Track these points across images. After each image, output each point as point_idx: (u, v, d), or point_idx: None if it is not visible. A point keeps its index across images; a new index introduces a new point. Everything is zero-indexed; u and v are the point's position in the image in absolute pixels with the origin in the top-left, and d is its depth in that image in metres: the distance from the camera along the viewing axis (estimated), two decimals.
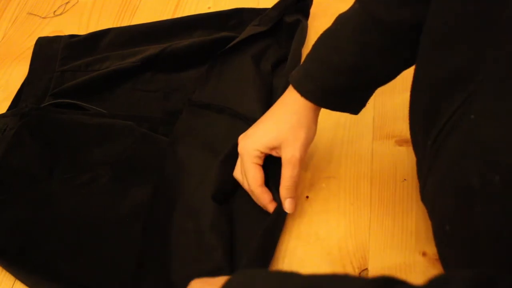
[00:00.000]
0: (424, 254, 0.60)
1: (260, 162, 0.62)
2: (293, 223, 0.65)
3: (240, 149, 0.63)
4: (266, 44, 0.81)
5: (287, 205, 0.62)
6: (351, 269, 0.60)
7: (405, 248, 0.61)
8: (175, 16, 0.90)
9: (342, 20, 0.59)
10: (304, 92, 0.60)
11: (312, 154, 0.70)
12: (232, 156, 0.66)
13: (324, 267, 0.61)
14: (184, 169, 0.69)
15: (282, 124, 0.61)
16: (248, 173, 0.62)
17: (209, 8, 0.91)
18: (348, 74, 0.58)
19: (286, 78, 0.76)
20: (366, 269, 0.60)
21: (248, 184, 0.63)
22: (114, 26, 0.90)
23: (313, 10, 0.84)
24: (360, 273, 0.60)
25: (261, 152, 0.62)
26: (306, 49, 0.80)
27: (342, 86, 0.59)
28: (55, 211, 0.66)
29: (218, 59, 0.79)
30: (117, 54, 0.82)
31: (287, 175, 0.61)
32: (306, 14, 0.83)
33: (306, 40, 0.81)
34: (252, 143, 0.62)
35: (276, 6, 0.82)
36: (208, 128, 0.73)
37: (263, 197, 0.62)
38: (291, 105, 0.61)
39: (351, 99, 0.61)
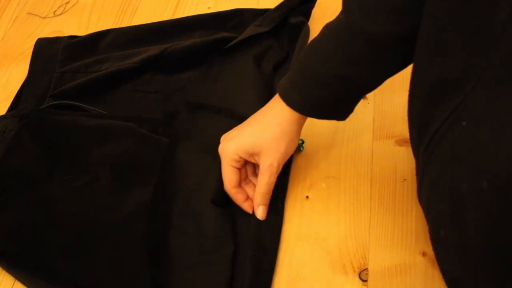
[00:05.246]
0: (424, 254, 0.60)
1: (238, 165, 0.64)
2: (293, 223, 0.65)
3: (220, 149, 0.65)
4: (267, 44, 0.80)
5: (260, 212, 0.63)
6: (351, 269, 0.60)
7: (405, 248, 0.61)
8: (175, 17, 0.90)
9: (327, 30, 0.59)
10: (290, 102, 0.61)
11: (312, 154, 0.70)
12: None
13: (324, 267, 0.61)
14: (182, 171, 0.69)
15: (266, 133, 0.62)
16: (224, 175, 0.64)
17: (209, 8, 0.91)
18: (333, 85, 0.58)
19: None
20: (366, 269, 0.60)
21: (224, 184, 0.65)
22: (114, 26, 0.90)
23: (313, 11, 0.84)
24: (360, 273, 0.60)
25: (240, 157, 0.63)
26: None
27: (327, 96, 0.59)
28: (55, 213, 0.66)
29: (218, 59, 0.79)
30: (117, 55, 0.82)
31: (263, 181, 0.62)
32: (308, 16, 0.83)
33: (308, 42, 0.81)
34: (233, 146, 0.63)
35: (278, 7, 0.82)
36: (206, 129, 0.73)
37: (236, 197, 0.64)
38: (276, 114, 0.62)
39: (337, 108, 0.62)
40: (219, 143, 0.66)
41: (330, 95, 0.59)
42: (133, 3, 0.94)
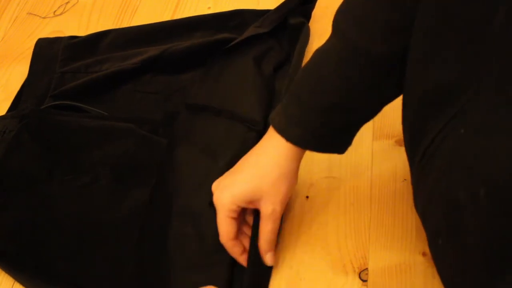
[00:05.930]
0: (424, 254, 0.60)
1: (236, 215, 0.59)
2: (293, 223, 0.65)
3: (215, 200, 0.60)
4: (267, 46, 0.80)
5: (269, 259, 0.59)
6: (351, 269, 0.60)
7: (405, 248, 0.61)
8: (175, 17, 0.90)
9: (321, 55, 0.56)
10: (288, 136, 0.57)
11: (312, 154, 0.70)
12: (232, 164, 0.66)
13: (324, 267, 0.61)
14: (182, 172, 0.69)
15: (263, 177, 0.58)
16: (221, 227, 0.60)
17: (209, 8, 0.91)
18: (333, 115, 0.56)
19: (288, 80, 0.76)
20: (366, 269, 0.60)
21: (220, 236, 0.60)
22: (114, 26, 0.90)
23: (313, 12, 0.84)
24: (360, 273, 0.60)
25: (238, 206, 0.59)
26: (309, 52, 0.80)
27: (328, 127, 0.57)
28: (55, 213, 0.66)
29: (218, 60, 0.79)
30: (118, 55, 0.82)
31: (267, 229, 0.58)
32: (308, 17, 0.83)
33: (309, 43, 0.81)
34: (230, 196, 0.58)
35: (278, 8, 0.82)
36: (206, 131, 0.73)
37: (233, 250, 0.60)
38: (273, 154, 0.58)
39: (338, 140, 0.59)
40: (219, 144, 0.66)
41: (330, 126, 0.56)
42: (133, 3, 0.94)
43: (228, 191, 0.59)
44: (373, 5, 0.51)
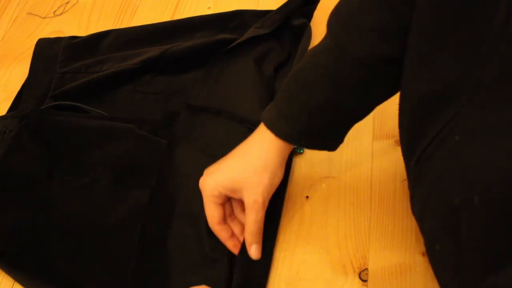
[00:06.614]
0: (424, 254, 0.60)
1: (220, 201, 0.60)
2: (293, 223, 0.65)
3: (200, 184, 0.62)
4: (269, 46, 0.80)
5: (253, 252, 0.60)
6: (351, 269, 0.60)
7: (405, 248, 0.61)
8: (175, 17, 0.90)
9: (313, 55, 0.57)
10: (277, 131, 0.58)
11: (312, 154, 0.70)
12: None
13: (324, 267, 0.61)
14: (182, 173, 0.69)
15: (246, 167, 0.59)
16: (206, 211, 0.61)
17: (209, 8, 0.91)
18: (322, 113, 0.56)
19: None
20: (366, 269, 0.60)
21: (207, 220, 0.62)
22: (114, 26, 0.90)
23: (315, 13, 0.83)
24: (360, 273, 0.60)
25: (220, 193, 0.60)
26: None
27: (316, 125, 0.57)
28: (54, 214, 0.66)
29: (218, 61, 0.79)
30: (118, 55, 0.82)
31: (250, 220, 0.59)
32: (310, 18, 0.83)
33: (310, 44, 0.81)
34: (212, 181, 0.60)
35: (279, 9, 0.82)
36: (206, 131, 0.73)
37: (220, 234, 0.61)
38: (258, 146, 0.59)
39: (327, 137, 0.59)
40: (219, 144, 0.66)
41: (318, 124, 0.57)
42: (133, 3, 0.94)
43: (212, 176, 0.61)
44: (363, 9, 0.51)
